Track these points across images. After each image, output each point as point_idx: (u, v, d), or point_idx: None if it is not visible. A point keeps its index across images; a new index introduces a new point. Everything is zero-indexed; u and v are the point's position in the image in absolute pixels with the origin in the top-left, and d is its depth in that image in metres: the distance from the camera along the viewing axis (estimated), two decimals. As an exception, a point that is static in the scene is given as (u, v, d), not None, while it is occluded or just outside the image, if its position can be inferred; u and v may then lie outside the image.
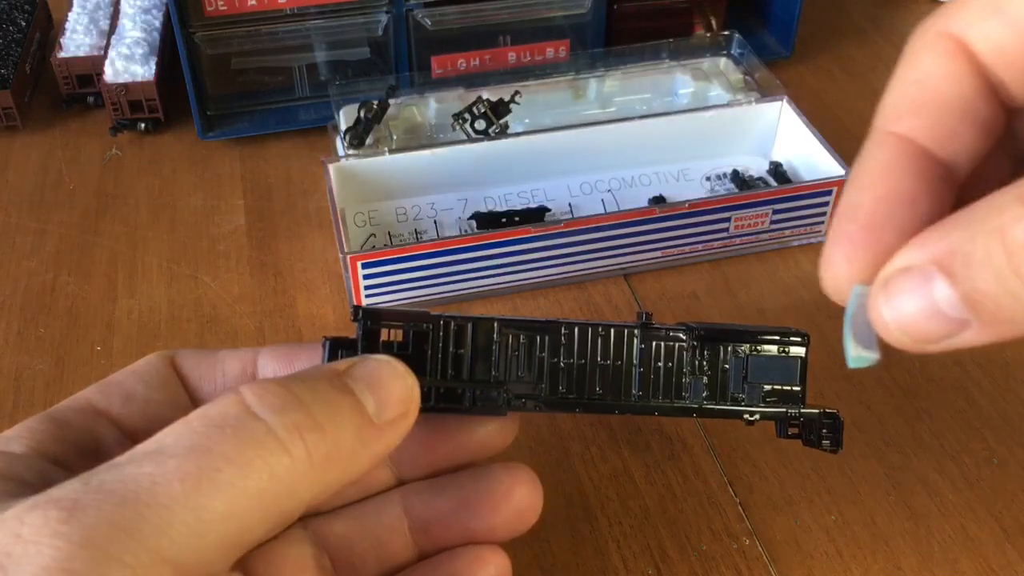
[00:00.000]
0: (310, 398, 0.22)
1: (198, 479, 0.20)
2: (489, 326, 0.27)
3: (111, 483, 0.20)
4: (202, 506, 0.20)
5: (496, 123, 0.48)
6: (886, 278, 0.21)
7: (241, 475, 0.21)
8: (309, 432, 0.22)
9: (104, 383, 0.27)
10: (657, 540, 0.34)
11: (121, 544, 0.19)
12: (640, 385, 0.27)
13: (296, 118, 0.53)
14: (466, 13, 0.52)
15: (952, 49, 0.22)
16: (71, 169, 0.51)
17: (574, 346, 0.27)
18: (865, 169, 0.23)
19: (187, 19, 0.49)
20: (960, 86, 0.22)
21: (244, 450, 0.21)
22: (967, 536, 0.34)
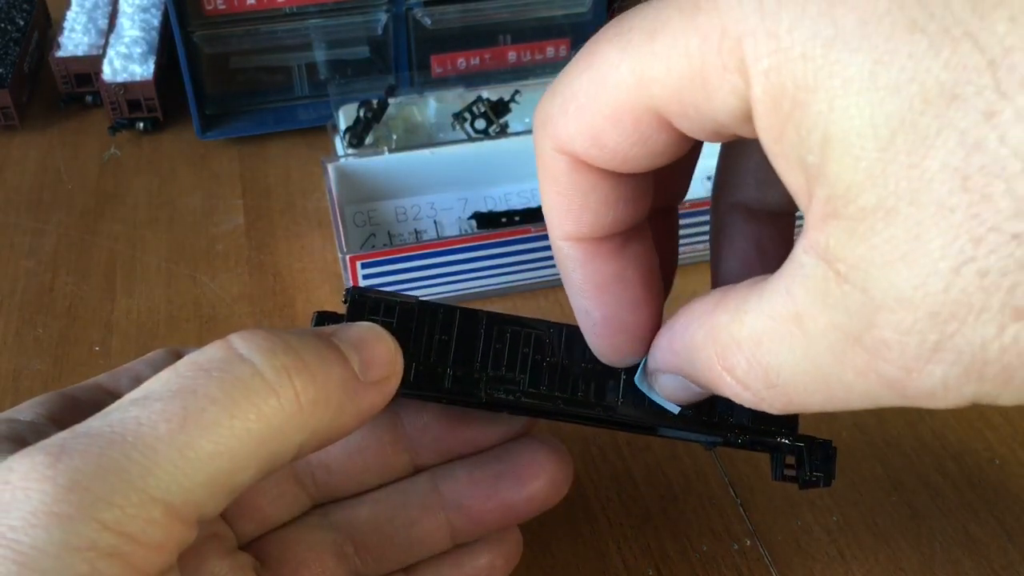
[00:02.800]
0: (298, 344, 0.22)
1: (183, 419, 0.20)
2: (476, 317, 0.27)
3: (97, 428, 0.20)
4: (188, 445, 0.20)
5: (496, 122, 0.48)
6: (650, 372, 0.25)
7: (227, 415, 0.21)
8: (297, 374, 0.22)
9: (113, 371, 0.27)
10: (658, 541, 0.34)
11: (109, 485, 0.19)
12: (623, 393, 0.26)
13: (295, 117, 0.53)
14: (466, 12, 0.52)
15: (571, 164, 0.22)
16: (69, 169, 0.51)
17: (560, 346, 0.27)
18: (576, 288, 0.24)
19: (186, 18, 0.49)
20: (590, 192, 0.23)
21: (230, 390, 0.21)
22: (969, 536, 0.34)
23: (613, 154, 0.21)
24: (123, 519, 0.19)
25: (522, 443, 0.29)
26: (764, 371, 0.20)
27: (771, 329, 0.19)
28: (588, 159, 0.22)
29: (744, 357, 0.20)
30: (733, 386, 0.21)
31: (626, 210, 0.23)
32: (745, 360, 0.20)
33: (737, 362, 0.20)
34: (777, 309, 0.19)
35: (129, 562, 0.19)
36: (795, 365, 0.19)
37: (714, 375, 0.21)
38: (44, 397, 0.25)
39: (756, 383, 0.20)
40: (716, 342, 0.21)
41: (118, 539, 0.19)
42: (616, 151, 0.21)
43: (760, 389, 0.20)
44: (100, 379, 0.27)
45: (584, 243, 0.24)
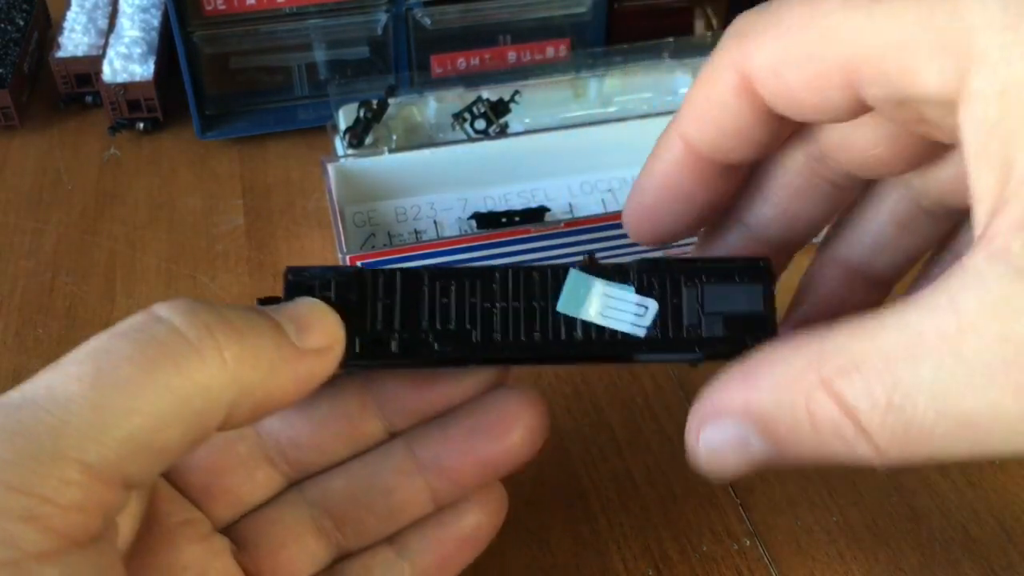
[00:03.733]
0: (225, 309, 0.22)
1: (95, 377, 0.20)
2: (417, 276, 0.26)
3: (9, 395, 0.20)
4: (101, 403, 0.19)
5: (496, 123, 0.48)
6: (701, 417, 0.22)
7: (142, 371, 0.20)
8: (221, 332, 0.21)
9: None
10: (658, 541, 0.34)
11: (16, 447, 0.19)
12: (582, 327, 0.25)
13: (295, 118, 0.53)
14: (466, 12, 0.52)
15: (738, 85, 0.23)
16: (69, 169, 0.51)
17: (508, 291, 0.26)
18: (654, 162, 0.27)
19: (186, 18, 0.49)
20: (739, 121, 0.24)
21: (145, 348, 0.20)
22: (969, 537, 0.34)
23: (785, 91, 0.22)
24: (33, 480, 0.18)
25: (495, 395, 0.28)
26: (890, 390, 0.18)
27: (915, 345, 0.18)
28: (758, 85, 0.22)
29: (864, 377, 0.18)
30: (833, 417, 0.19)
31: (745, 152, 0.25)
32: (864, 380, 0.18)
33: (852, 383, 0.18)
34: (928, 324, 0.18)
35: (47, 525, 0.18)
36: (937, 385, 0.17)
37: (809, 407, 0.19)
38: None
39: (873, 405, 0.18)
40: (823, 365, 0.19)
41: (29, 500, 0.18)
42: (791, 89, 0.22)
43: (873, 416, 0.18)
44: None
45: (690, 149, 0.25)
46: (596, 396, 0.39)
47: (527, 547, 0.33)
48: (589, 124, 0.48)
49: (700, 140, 0.25)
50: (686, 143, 0.25)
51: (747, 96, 0.23)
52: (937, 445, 0.18)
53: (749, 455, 0.21)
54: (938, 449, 0.18)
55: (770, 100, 0.23)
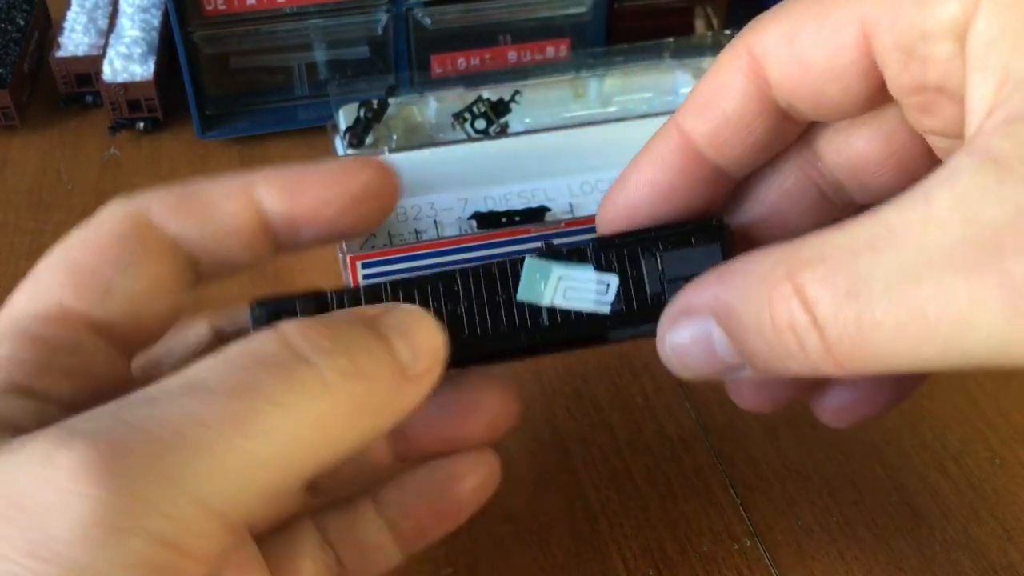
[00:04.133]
0: (354, 343, 0.21)
1: (244, 422, 0.19)
2: (376, 292, 0.25)
3: (150, 421, 0.18)
4: (249, 451, 0.19)
5: (496, 122, 0.48)
6: (671, 315, 0.23)
7: (288, 419, 0.19)
8: (353, 379, 0.20)
9: (70, 270, 0.23)
10: (658, 541, 0.34)
11: (164, 494, 0.17)
12: (548, 314, 0.25)
13: (295, 118, 0.53)
14: (466, 12, 0.52)
15: (748, 67, 0.24)
16: (70, 169, 0.51)
17: (470, 290, 0.25)
18: (646, 152, 0.26)
19: (186, 18, 0.49)
20: (743, 104, 0.24)
21: (292, 392, 0.19)
22: (969, 537, 0.34)
23: (796, 62, 0.22)
24: (177, 533, 0.18)
25: (468, 377, 0.28)
26: (848, 280, 0.18)
27: (880, 237, 0.18)
28: (768, 62, 0.23)
29: (828, 268, 0.18)
30: (791, 309, 0.19)
31: (747, 150, 0.25)
32: (827, 272, 0.18)
33: (814, 275, 0.18)
34: (897, 217, 0.18)
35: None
36: (895, 273, 0.17)
37: (771, 299, 0.19)
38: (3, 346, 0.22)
39: (831, 298, 0.18)
40: (792, 260, 0.19)
41: (170, 553, 0.18)
42: (803, 57, 0.22)
43: (829, 309, 0.18)
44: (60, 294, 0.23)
45: (687, 144, 0.25)
46: (596, 396, 0.39)
47: (527, 547, 0.33)
48: (589, 124, 0.48)
49: (699, 131, 0.25)
50: (683, 136, 0.26)
51: (754, 79, 0.24)
52: (886, 342, 0.18)
53: (711, 353, 0.22)
54: (887, 348, 0.18)
55: (778, 81, 0.23)
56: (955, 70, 0.20)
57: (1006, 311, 0.16)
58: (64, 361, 0.22)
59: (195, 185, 0.25)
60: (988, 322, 0.17)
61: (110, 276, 0.23)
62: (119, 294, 0.23)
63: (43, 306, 0.22)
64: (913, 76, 0.21)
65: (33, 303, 0.22)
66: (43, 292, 0.23)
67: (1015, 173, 0.17)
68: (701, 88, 0.25)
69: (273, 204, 0.25)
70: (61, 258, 0.23)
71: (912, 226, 0.17)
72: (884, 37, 0.21)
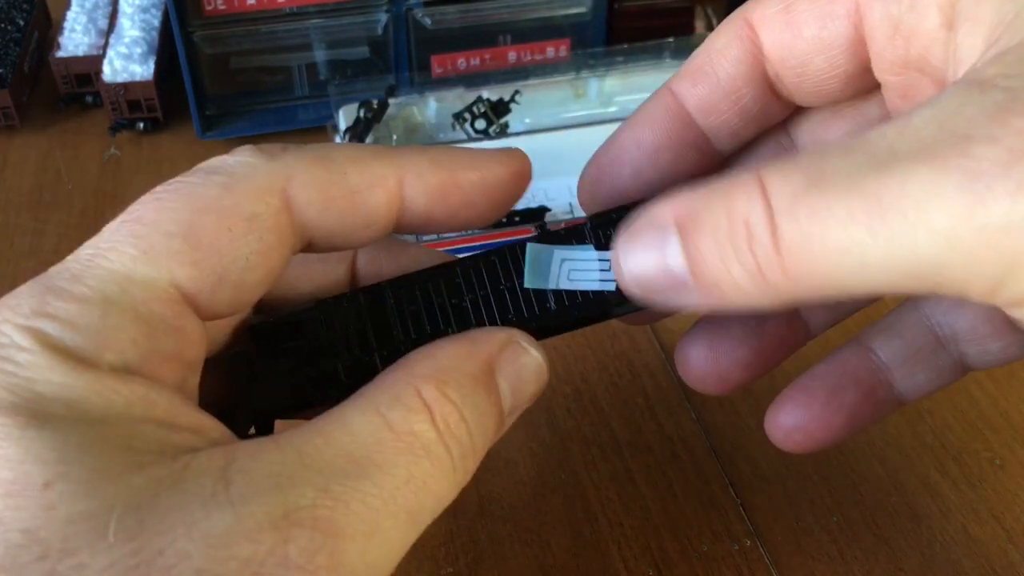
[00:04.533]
0: (475, 422, 0.21)
1: (409, 521, 0.19)
2: (379, 292, 0.25)
3: (348, 498, 0.18)
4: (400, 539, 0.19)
5: (496, 123, 0.48)
6: (632, 224, 0.22)
7: (432, 508, 0.20)
8: (469, 459, 0.21)
9: (192, 245, 0.20)
10: (658, 541, 0.34)
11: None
12: (554, 297, 0.25)
13: (295, 118, 0.53)
14: (466, 12, 0.52)
15: (744, 35, 0.24)
16: (70, 169, 0.51)
17: (472, 281, 0.25)
18: (639, 112, 0.26)
19: (186, 18, 0.49)
20: (735, 69, 0.25)
21: (441, 485, 0.20)
22: (969, 537, 0.34)
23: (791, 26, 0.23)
24: None
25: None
26: (814, 174, 0.18)
27: (854, 146, 0.18)
28: (764, 26, 0.24)
29: (795, 164, 0.18)
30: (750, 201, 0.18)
31: (735, 118, 0.25)
32: (794, 166, 0.18)
33: (780, 168, 0.18)
34: (876, 132, 0.18)
35: None
36: (858, 166, 0.17)
37: (731, 195, 0.19)
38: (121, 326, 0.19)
39: (791, 188, 0.18)
40: (763, 168, 0.19)
41: None
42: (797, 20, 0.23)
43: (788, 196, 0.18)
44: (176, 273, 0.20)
45: (678, 107, 0.25)
46: (596, 396, 0.39)
47: (527, 546, 0.33)
48: (589, 124, 0.48)
49: (690, 93, 0.25)
50: (674, 98, 0.26)
51: (748, 45, 0.24)
52: (834, 239, 0.17)
53: (662, 260, 0.20)
54: (834, 246, 0.17)
55: (769, 47, 0.24)
56: (938, 44, 0.21)
57: (963, 197, 0.16)
58: (164, 345, 0.20)
59: (341, 159, 0.22)
60: (942, 208, 0.16)
61: (228, 263, 0.21)
62: (230, 283, 0.21)
63: (155, 277, 0.20)
64: (897, 51, 0.22)
65: (144, 268, 0.20)
66: (156, 259, 0.20)
67: (998, 86, 0.17)
68: (697, 53, 0.26)
69: (418, 201, 0.23)
70: (182, 222, 0.20)
71: (887, 135, 0.18)
72: (875, 8, 0.22)
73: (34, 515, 0.16)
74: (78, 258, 0.20)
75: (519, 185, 0.25)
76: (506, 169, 0.24)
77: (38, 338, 0.18)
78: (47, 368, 0.18)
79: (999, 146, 0.16)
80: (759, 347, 0.27)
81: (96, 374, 0.18)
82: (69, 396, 0.18)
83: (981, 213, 0.16)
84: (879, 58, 0.23)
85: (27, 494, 0.16)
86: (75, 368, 0.18)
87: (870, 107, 0.26)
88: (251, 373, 0.25)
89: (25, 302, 0.19)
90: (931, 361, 0.27)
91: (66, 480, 0.17)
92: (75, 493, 0.17)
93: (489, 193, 0.24)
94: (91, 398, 0.18)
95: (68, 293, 0.19)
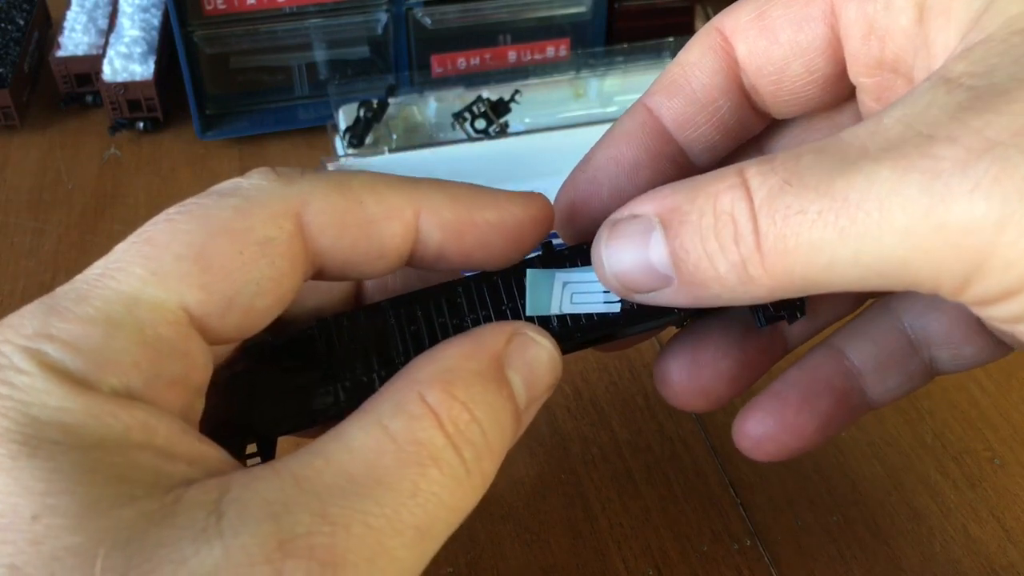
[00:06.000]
0: (488, 420, 0.20)
1: (418, 535, 0.18)
2: (380, 310, 0.24)
3: (347, 521, 0.17)
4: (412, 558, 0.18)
5: (496, 122, 0.48)
6: (615, 220, 0.22)
7: (448, 522, 0.19)
8: (486, 461, 0.20)
9: (203, 267, 0.20)
10: (658, 541, 0.34)
11: None
12: (558, 319, 0.24)
13: (295, 117, 0.53)
14: (466, 12, 0.52)
15: (718, 45, 0.24)
16: (70, 168, 0.51)
17: (475, 302, 0.25)
18: (613, 130, 0.26)
19: (186, 18, 0.49)
20: (710, 80, 0.24)
21: (454, 494, 0.19)
22: (969, 537, 0.34)
23: (766, 34, 0.23)
24: None
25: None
26: (789, 172, 0.18)
27: (829, 144, 0.18)
28: (738, 36, 0.24)
29: (774, 164, 0.18)
30: (734, 199, 0.18)
31: (712, 131, 0.25)
32: (773, 166, 0.18)
33: (760, 168, 0.19)
34: (850, 132, 0.18)
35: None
36: (831, 168, 0.18)
37: (717, 193, 0.19)
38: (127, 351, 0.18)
39: (769, 186, 0.18)
40: (748, 165, 0.19)
41: None
42: (773, 26, 0.23)
43: (767, 195, 0.18)
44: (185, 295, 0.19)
45: (653, 121, 0.25)
46: (596, 396, 0.39)
47: (527, 546, 0.33)
48: (589, 124, 0.48)
49: (666, 107, 0.25)
50: (650, 113, 0.26)
51: (723, 56, 0.24)
52: (807, 237, 0.18)
53: (645, 257, 0.21)
54: (807, 243, 0.18)
55: (744, 57, 0.24)
56: (913, 43, 0.21)
57: (924, 198, 0.16)
58: (170, 369, 0.19)
59: (359, 187, 0.22)
60: (905, 208, 0.17)
61: (239, 288, 0.20)
62: (240, 308, 0.20)
63: (163, 299, 0.19)
64: (872, 51, 0.22)
65: (152, 290, 0.19)
66: (165, 281, 0.19)
67: (963, 85, 0.17)
68: (671, 67, 0.25)
69: (433, 236, 0.23)
70: (194, 244, 0.20)
71: (859, 135, 0.18)
72: (849, 8, 0.22)
73: (21, 550, 0.16)
74: (86, 278, 0.19)
75: (538, 230, 0.24)
76: (526, 212, 0.23)
77: (38, 360, 0.18)
78: (44, 391, 0.17)
79: (958, 145, 0.16)
80: (743, 359, 0.27)
81: (95, 398, 0.18)
82: (65, 420, 0.17)
83: (941, 212, 0.16)
84: (854, 59, 0.23)
85: (15, 527, 0.16)
86: (73, 391, 0.17)
87: (843, 118, 0.25)
88: (250, 393, 0.24)
89: (28, 323, 0.18)
90: (903, 365, 0.27)
91: (54, 513, 0.16)
92: (62, 528, 0.16)
93: (506, 235, 0.23)
94: (88, 423, 0.17)
95: (72, 314, 0.18)
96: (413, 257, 0.23)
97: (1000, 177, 0.16)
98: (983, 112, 0.16)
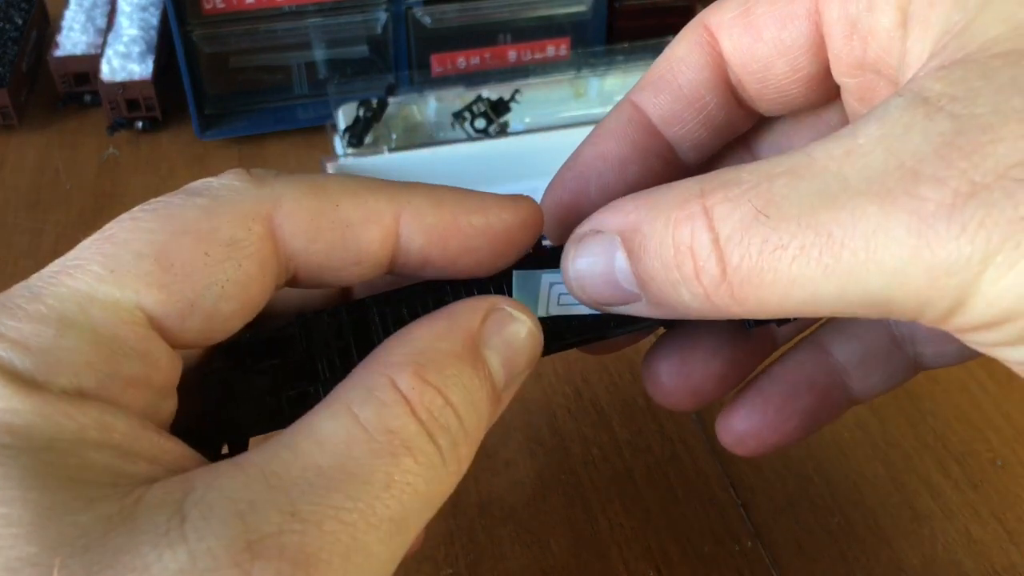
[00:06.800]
0: (463, 404, 0.20)
1: (392, 532, 0.18)
2: (364, 307, 0.24)
3: (319, 517, 0.17)
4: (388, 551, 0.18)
5: (496, 122, 0.48)
6: (579, 235, 0.21)
7: (422, 510, 0.19)
8: (462, 447, 0.20)
9: (163, 266, 0.19)
10: (659, 542, 0.34)
11: None
12: (547, 321, 0.24)
13: (295, 117, 0.53)
14: (466, 11, 0.52)
15: (704, 41, 0.24)
16: (68, 168, 0.51)
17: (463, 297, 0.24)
18: (599, 127, 0.26)
19: (185, 17, 0.48)
20: (697, 76, 0.24)
21: (430, 483, 0.19)
22: (970, 538, 0.34)
23: (750, 31, 0.23)
24: None
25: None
26: (763, 201, 0.17)
27: (802, 166, 0.18)
28: (724, 32, 0.23)
29: (742, 192, 0.18)
30: (695, 230, 0.18)
31: (699, 127, 0.25)
32: (740, 192, 0.18)
33: (726, 197, 0.18)
34: (822, 150, 0.17)
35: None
36: (808, 196, 0.17)
37: (676, 220, 0.18)
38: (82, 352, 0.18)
39: (739, 216, 0.17)
40: (707, 183, 0.18)
41: None
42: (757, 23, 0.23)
43: (736, 226, 0.17)
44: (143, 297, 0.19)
45: (641, 117, 0.25)
46: (596, 396, 0.39)
47: (527, 547, 0.33)
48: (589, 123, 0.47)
49: (653, 104, 0.25)
50: (637, 110, 0.25)
51: (709, 51, 0.24)
52: (787, 270, 0.17)
53: (611, 275, 0.20)
54: (786, 277, 0.17)
55: (730, 53, 0.24)
56: (894, 45, 0.20)
57: (911, 239, 0.16)
58: (127, 369, 0.19)
59: (335, 189, 0.21)
60: (891, 249, 0.16)
61: (201, 290, 0.19)
62: (203, 311, 0.20)
63: (118, 298, 0.19)
64: (854, 51, 0.22)
65: (107, 288, 0.19)
66: (122, 280, 0.19)
67: (944, 111, 0.17)
68: (658, 63, 0.25)
69: (415, 241, 0.22)
70: (155, 243, 0.19)
71: (834, 157, 0.17)
72: (832, 7, 0.22)
73: None
74: (42, 275, 0.19)
75: (526, 235, 0.23)
76: (513, 216, 0.22)
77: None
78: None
79: (945, 188, 0.16)
80: (732, 358, 0.26)
81: (45, 398, 0.17)
82: (12, 422, 0.16)
83: (927, 255, 0.16)
84: (837, 59, 0.22)
85: None
86: (21, 391, 0.17)
87: (831, 115, 0.25)
88: (226, 392, 0.23)
89: None
90: (887, 362, 0.27)
91: (7, 522, 0.15)
92: (16, 536, 0.15)
93: (493, 240, 0.22)
94: (38, 423, 0.17)
95: (23, 312, 0.18)
96: (395, 264, 0.22)
97: (985, 221, 0.16)
98: (970, 153, 0.16)
